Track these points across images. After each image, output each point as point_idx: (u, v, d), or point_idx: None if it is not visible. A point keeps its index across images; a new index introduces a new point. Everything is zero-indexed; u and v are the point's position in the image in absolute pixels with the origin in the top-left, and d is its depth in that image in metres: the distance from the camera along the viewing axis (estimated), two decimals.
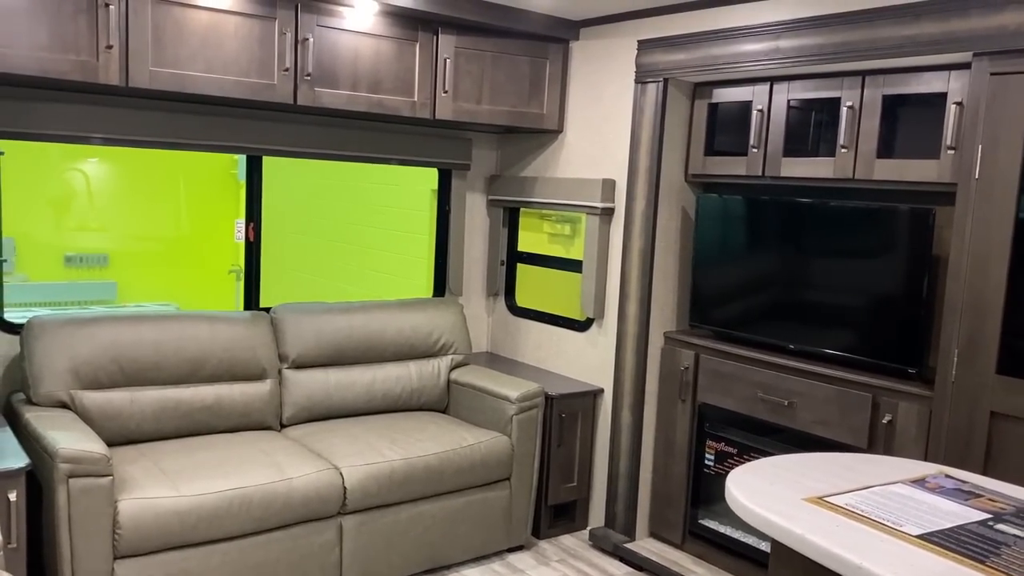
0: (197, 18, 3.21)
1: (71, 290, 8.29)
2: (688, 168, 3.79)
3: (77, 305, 8.24)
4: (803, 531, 1.57)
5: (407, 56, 3.73)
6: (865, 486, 1.83)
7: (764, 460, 1.98)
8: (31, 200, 7.72)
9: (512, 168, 4.51)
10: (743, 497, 1.72)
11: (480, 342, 4.71)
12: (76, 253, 8.33)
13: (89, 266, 8.49)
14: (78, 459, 2.69)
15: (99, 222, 8.20)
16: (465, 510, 3.59)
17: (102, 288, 8.47)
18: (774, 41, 3.22)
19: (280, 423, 3.70)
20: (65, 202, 7.97)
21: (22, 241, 8.03)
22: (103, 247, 8.37)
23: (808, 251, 3.38)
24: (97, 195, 8.12)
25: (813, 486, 1.82)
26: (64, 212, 8.00)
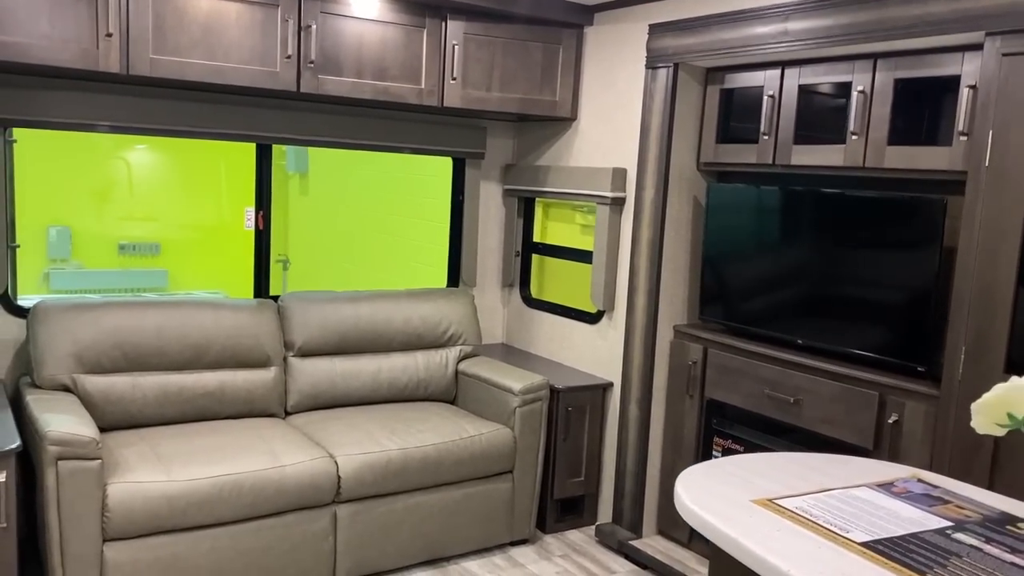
0: (198, 5, 3.22)
1: (124, 277, 8.52)
2: (700, 156, 3.67)
3: (130, 292, 8.45)
4: (738, 535, 1.48)
5: (414, 42, 3.69)
6: (824, 488, 1.72)
7: (725, 459, 1.89)
8: (85, 190, 7.94)
9: (528, 157, 4.44)
10: (687, 497, 1.64)
11: (495, 333, 4.67)
12: (129, 242, 8.55)
13: (141, 254, 8.70)
14: (66, 442, 2.73)
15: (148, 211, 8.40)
16: (465, 502, 3.55)
17: (154, 276, 8.68)
18: (782, 23, 3.09)
19: (285, 411, 3.71)
20: (115, 192, 8.18)
21: (78, 230, 8.27)
22: (155, 236, 8.58)
23: (818, 242, 3.25)
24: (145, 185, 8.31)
25: (767, 487, 1.72)
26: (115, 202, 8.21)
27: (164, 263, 8.75)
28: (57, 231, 8.17)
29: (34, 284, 8.17)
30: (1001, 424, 1.28)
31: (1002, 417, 1.26)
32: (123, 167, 8.00)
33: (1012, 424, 1.26)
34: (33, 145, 3.32)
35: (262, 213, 3.95)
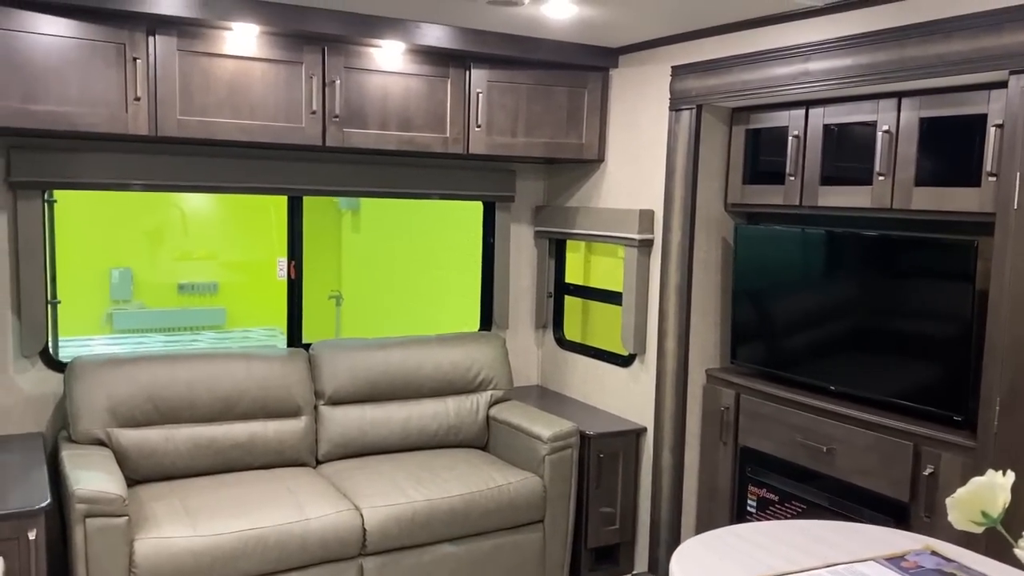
0: (223, 66, 3.30)
1: (184, 316, 8.75)
2: (727, 197, 3.61)
3: (189, 330, 8.68)
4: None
5: (438, 92, 3.73)
6: (828, 563, 1.65)
7: (725, 529, 1.83)
8: (144, 233, 8.21)
9: (558, 198, 4.43)
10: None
11: (530, 375, 4.64)
12: (188, 281, 8.78)
13: (200, 293, 8.93)
14: (94, 499, 2.79)
15: (205, 252, 8.63)
16: (494, 553, 3.51)
17: (212, 314, 8.90)
18: (803, 64, 3.03)
19: (316, 459, 3.73)
20: (172, 234, 8.44)
21: (139, 271, 8.54)
22: (212, 275, 8.80)
23: (848, 286, 3.16)
24: (201, 227, 8.56)
25: (769, 563, 1.66)
26: (172, 243, 8.46)
27: (222, 301, 8.95)
28: (119, 273, 8.44)
29: (97, 325, 8.44)
30: (976, 522, 1.20)
31: (976, 515, 1.19)
32: (178, 210, 8.24)
33: (988, 522, 1.19)
34: (92, 192, 3.49)
35: (294, 263, 4.00)
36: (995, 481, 1.19)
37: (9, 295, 3.41)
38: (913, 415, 2.86)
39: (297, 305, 4.05)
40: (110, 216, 7.67)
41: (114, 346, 7.63)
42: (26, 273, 3.38)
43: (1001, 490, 1.17)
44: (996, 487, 1.18)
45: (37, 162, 3.33)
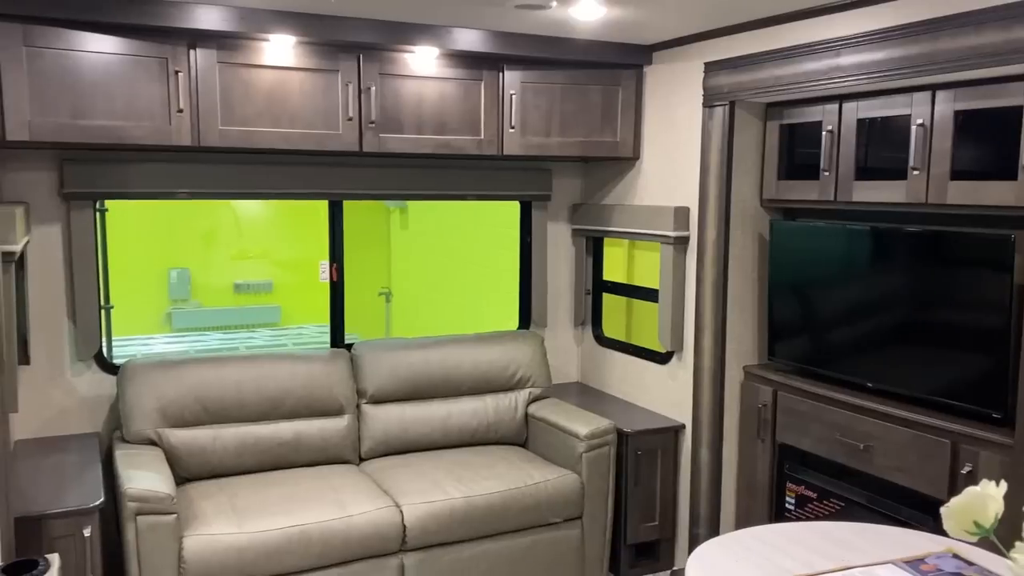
0: (262, 77, 3.39)
1: (239, 314, 8.98)
2: (763, 193, 3.59)
3: (245, 328, 8.90)
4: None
5: (472, 95, 3.77)
6: (846, 566, 1.66)
7: (745, 531, 1.84)
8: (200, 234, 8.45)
9: (595, 196, 4.45)
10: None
11: (570, 372, 4.67)
12: (244, 280, 9.01)
13: (255, 292, 9.15)
14: (144, 498, 2.91)
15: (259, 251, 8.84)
16: (533, 549, 3.56)
17: (267, 312, 9.12)
18: (834, 59, 3.00)
19: (359, 457, 3.82)
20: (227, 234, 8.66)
21: (196, 271, 8.79)
22: (267, 274, 9.01)
23: (885, 282, 3.12)
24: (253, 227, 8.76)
25: (785, 565, 1.67)
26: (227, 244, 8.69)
27: (277, 299, 9.16)
28: (177, 273, 8.70)
29: (157, 324, 8.72)
30: (969, 531, 1.20)
31: (970, 525, 1.19)
32: (232, 212, 8.44)
33: (980, 532, 1.19)
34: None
35: (335, 266, 4.09)
36: (987, 492, 1.19)
37: (65, 301, 3.55)
38: (951, 412, 2.82)
39: (339, 306, 4.14)
40: (167, 219, 7.90)
41: (173, 345, 7.88)
42: (80, 280, 3.53)
43: (992, 501, 1.17)
44: (987, 498, 1.18)
45: (88, 174, 3.47)
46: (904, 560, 1.70)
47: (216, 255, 8.66)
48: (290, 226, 8.53)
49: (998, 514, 1.20)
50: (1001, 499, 1.20)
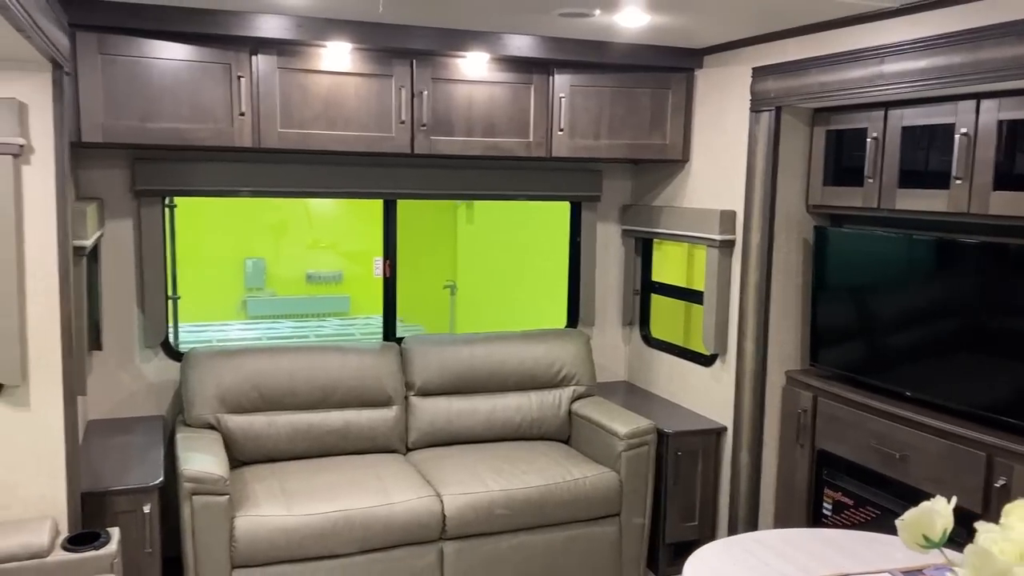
0: (320, 82, 3.55)
1: (311, 303, 9.29)
2: (808, 199, 3.59)
3: (316, 317, 9.19)
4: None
5: (521, 98, 3.86)
6: (843, 573, 1.70)
7: (749, 535, 1.89)
8: (271, 226, 8.76)
9: (645, 197, 4.49)
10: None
11: (618, 371, 4.72)
12: (315, 271, 9.31)
13: (326, 282, 9.44)
14: (199, 479, 3.10)
15: (327, 243, 9.12)
16: (570, 543, 3.65)
17: (337, 302, 9.41)
18: (877, 66, 2.99)
19: (406, 447, 3.97)
20: (300, 226, 8.96)
21: (271, 262, 9.12)
22: (337, 266, 9.28)
23: (928, 292, 3.10)
24: (323, 220, 9.03)
25: (782, 570, 1.72)
26: (298, 235, 8.98)
27: (346, 290, 9.43)
28: (253, 263, 9.04)
29: (233, 311, 9.07)
30: (920, 544, 1.24)
31: (920, 538, 1.23)
32: (303, 205, 8.70)
33: (929, 545, 1.22)
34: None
35: (389, 262, 4.24)
36: (933, 508, 1.23)
37: (134, 292, 3.78)
38: (989, 424, 2.80)
39: (392, 301, 4.29)
40: (244, 211, 8.22)
41: (247, 331, 8.19)
42: (148, 272, 3.75)
43: (939, 516, 1.20)
44: (935, 513, 1.21)
45: (157, 172, 3.68)
46: (901, 570, 1.73)
47: (289, 246, 8.96)
48: (358, 219, 8.75)
49: (946, 530, 1.24)
50: (949, 515, 1.24)
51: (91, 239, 2.97)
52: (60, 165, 2.64)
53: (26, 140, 2.58)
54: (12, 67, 2.54)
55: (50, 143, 2.62)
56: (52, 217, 2.64)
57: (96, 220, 3.25)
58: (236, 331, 8.17)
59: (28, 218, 2.63)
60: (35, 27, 2.07)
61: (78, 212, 2.86)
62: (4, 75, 2.55)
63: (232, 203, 7.79)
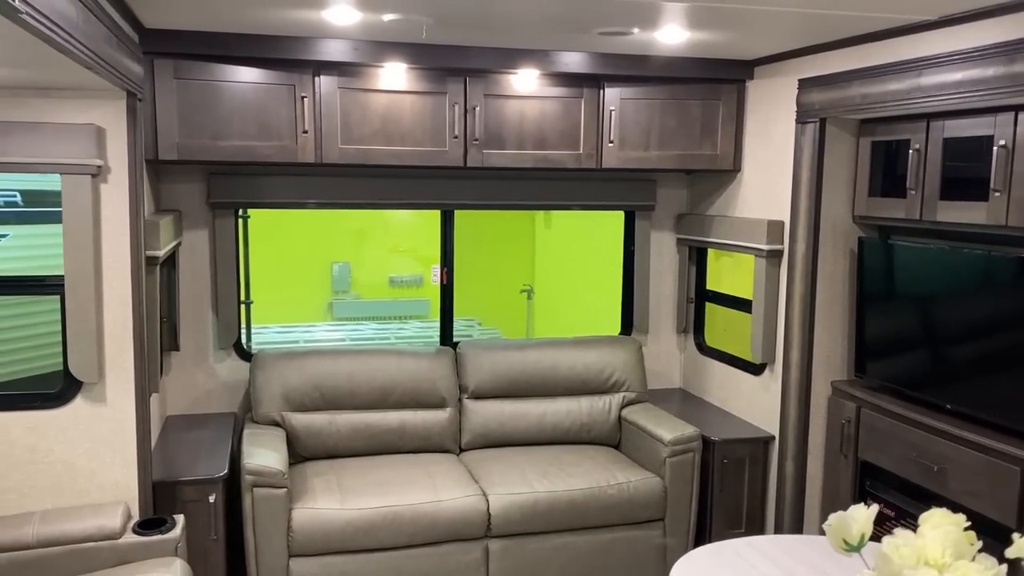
0: (377, 100, 3.75)
1: (392, 306, 9.61)
2: (854, 209, 3.59)
3: (397, 320, 9.51)
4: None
5: (572, 112, 3.98)
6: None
7: (743, 540, 1.97)
8: (351, 232, 9.10)
9: (700, 207, 4.54)
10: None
11: (673, 378, 4.78)
12: (397, 275, 9.63)
13: (408, 286, 9.75)
14: (259, 472, 3.34)
15: (405, 248, 9.41)
16: (613, 546, 3.74)
17: (417, 305, 9.70)
18: (915, 79, 2.99)
19: (459, 447, 4.14)
20: (377, 233, 9.27)
21: (356, 266, 9.49)
22: (418, 270, 9.57)
23: (967, 304, 3.08)
24: (401, 226, 9.32)
25: (767, 573, 1.79)
26: (377, 241, 9.30)
27: (427, 293, 9.71)
28: (339, 267, 9.42)
29: (320, 313, 9.47)
30: (842, 548, 1.30)
31: (841, 542, 1.29)
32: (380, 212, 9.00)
33: (848, 548, 1.28)
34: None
35: (446, 270, 4.43)
36: (850, 515, 1.29)
37: (209, 296, 4.07)
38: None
39: (448, 308, 4.47)
40: (328, 218, 8.57)
41: (332, 332, 8.54)
42: (222, 278, 4.03)
43: (855, 523, 1.27)
44: (851, 519, 1.28)
45: (229, 186, 3.96)
46: None
47: (371, 251, 9.28)
48: (435, 226, 9.00)
49: (864, 535, 1.30)
50: (866, 521, 1.30)
51: (163, 250, 3.24)
52: (133, 183, 2.91)
53: (103, 161, 2.86)
54: (93, 95, 2.82)
55: (124, 164, 2.89)
56: (126, 230, 2.92)
57: (171, 231, 3.53)
58: (322, 332, 8.51)
59: (105, 232, 2.90)
60: (102, 63, 2.32)
61: (151, 225, 3.13)
62: (85, 103, 2.83)
63: (315, 211, 8.14)
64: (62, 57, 1.97)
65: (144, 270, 3.04)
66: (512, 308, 9.29)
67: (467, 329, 8.86)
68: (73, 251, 2.81)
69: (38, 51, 1.90)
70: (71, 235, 2.80)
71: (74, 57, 2.00)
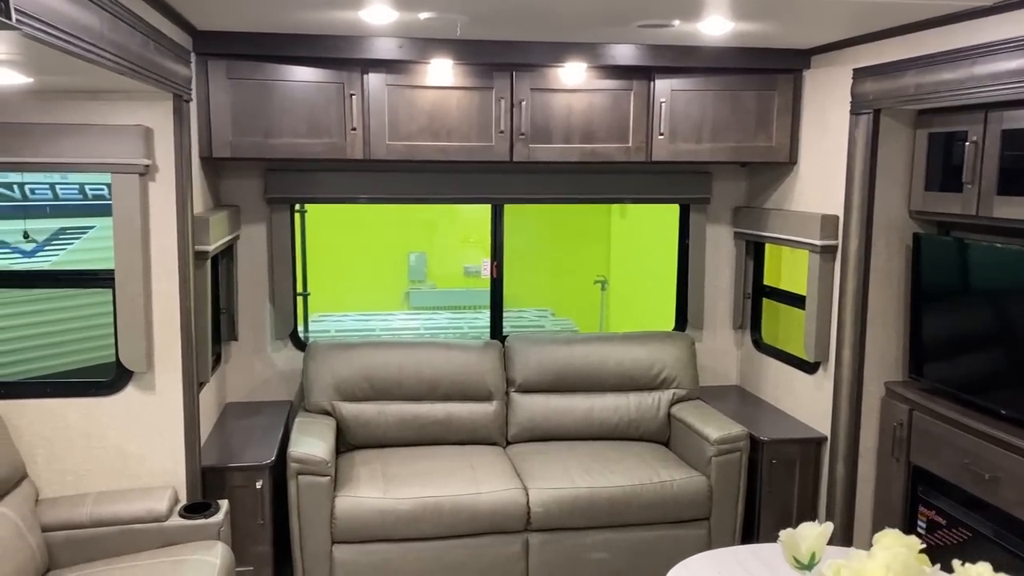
0: (425, 96, 3.80)
1: (467, 296, 9.72)
2: (911, 204, 3.45)
3: (471, 309, 9.63)
4: None
5: (621, 105, 3.93)
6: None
7: (746, 547, 1.92)
8: (427, 224, 9.23)
9: (757, 199, 4.43)
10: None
11: (730, 376, 4.69)
12: (472, 265, 9.73)
13: (482, 276, 9.83)
14: (304, 460, 3.44)
15: (475, 238, 9.48)
16: (656, 544, 3.71)
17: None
18: (969, 68, 2.85)
19: (506, 440, 4.17)
20: (449, 223, 9.38)
21: (432, 255, 9.64)
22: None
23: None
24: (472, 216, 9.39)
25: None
26: (457, 231, 9.41)
27: None
28: (416, 256, 9.57)
29: (397, 302, 9.66)
30: (793, 565, 1.25)
31: (792, 560, 1.24)
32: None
33: (798, 566, 1.23)
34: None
35: (496, 263, 4.45)
36: (800, 532, 1.24)
37: (267, 288, 4.21)
38: None
39: (498, 301, 4.50)
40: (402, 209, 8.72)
41: (409, 321, 8.70)
42: (278, 271, 4.16)
43: (803, 540, 1.22)
44: (799, 537, 1.23)
45: (284, 182, 4.07)
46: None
47: (446, 241, 9.39)
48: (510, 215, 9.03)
49: (815, 554, 1.25)
50: (816, 539, 1.25)
51: (212, 245, 3.36)
52: (180, 181, 3.03)
53: (151, 160, 2.99)
54: (140, 97, 2.95)
55: (171, 163, 3.01)
56: (173, 227, 3.04)
57: (224, 226, 3.66)
58: (399, 321, 8.68)
59: (153, 228, 3.04)
60: (139, 68, 2.42)
61: (200, 221, 3.26)
62: (134, 105, 2.96)
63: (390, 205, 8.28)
64: (89, 64, 2.06)
65: (193, 265, 3.16)
66: (587, 299, 9.27)
67: (540, 320, 8.88)
68: (123, 247, 2.95)
69: (66, 60, 2.00)
70: (121, 231, 2.94)
71: (102, 64, 2.10)
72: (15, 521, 2.75)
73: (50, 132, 2.88)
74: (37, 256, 5.16)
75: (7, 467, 2.83)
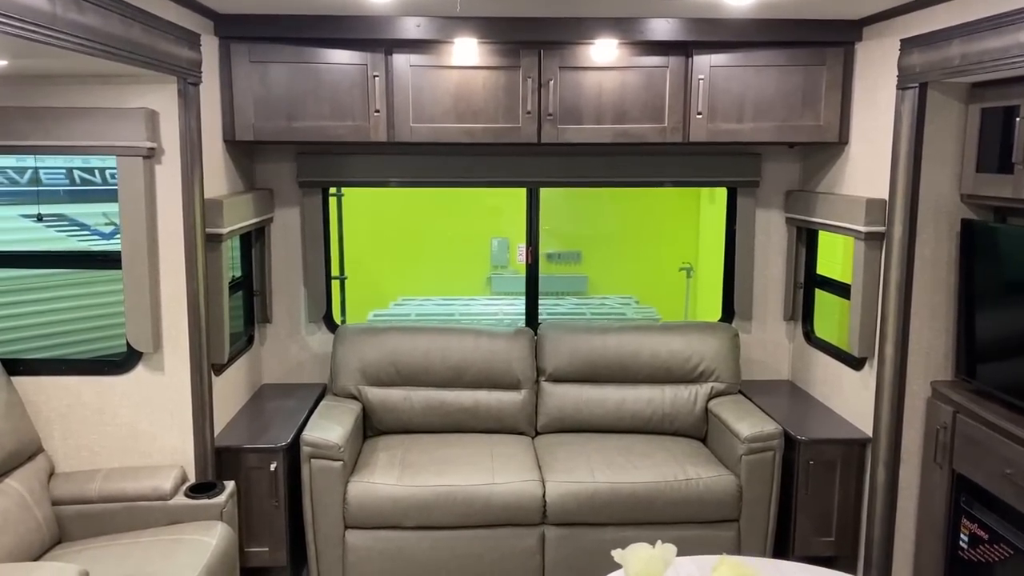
0: (449, 77, 3.71)
1: (550, 282, 9.65)
2: (962, 187, 3.14)
3: (555, 295, 9.55)
4: None
5: (656, 83, 3.75)
6: None
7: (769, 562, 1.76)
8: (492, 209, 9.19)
9: (810, 182, 4.15)
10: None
11: (781, 370, 4.43)
12: (555, 251, 9.65)
13: (567, 262, 9.75)
14: (316, 444, 3.43)
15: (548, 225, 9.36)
16: (680, 544, 3.41)
17: (576, 281, 9.68)
18: (1015, 34, 2.55)
19: (535, 430, 4.06)
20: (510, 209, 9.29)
21: (515, 240, 9.60)
22: (576, 245, 9.54)
23: None
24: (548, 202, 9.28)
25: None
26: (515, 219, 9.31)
27: (585, 270, 9.65)
28: (498, 242, 9.55)
29: (479, 287, 9.68)
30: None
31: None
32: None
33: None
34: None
35: (531, 249, 4.34)
36: (630, 553, 1.08)
37: (300, 271, 4.23)
38: None
39: (533, 288, 4.38)
40: (472, 195, 8.70)
41: (488, 307, 8.70)
42: (311, 254, 4.17)
43: (632, 562, 1.05)
44: (631, 557, 1.07)
45: (316, 165, 4.07)
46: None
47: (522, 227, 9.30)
48: (578, 204, 8.89)
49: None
50: (646, 563, 1.09)
51: (227, 228, 3.38)
52: (187, 164, 3.05)
53: (156, 143, 3.02)
54: (148, 80, 2.98)
55: (177, 145, 3.03)
56: (179, 209, 3.06)
57: (246, 209, 3.68)
58: (479, 306, 8.68)
59: (160, 210, 3.07)
60: (128, 52, 2.43)
61: (213, 204, 3.28)
62: (140, 88, 3.00)
63: (462, 190, 8.28)
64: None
65: (204, 247, 3.18)
66: (673, 286, 9.04)
67: (623, 307, 8.73)
68: (129, 228, 3.00)
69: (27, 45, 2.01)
70: (127, 213, 2.98)
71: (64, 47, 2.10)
72: (22, 494, 2.85)
73: (60, 115, 2.94)
74: (116, 239, 5.36)
75: (17, 441, 2.92)
